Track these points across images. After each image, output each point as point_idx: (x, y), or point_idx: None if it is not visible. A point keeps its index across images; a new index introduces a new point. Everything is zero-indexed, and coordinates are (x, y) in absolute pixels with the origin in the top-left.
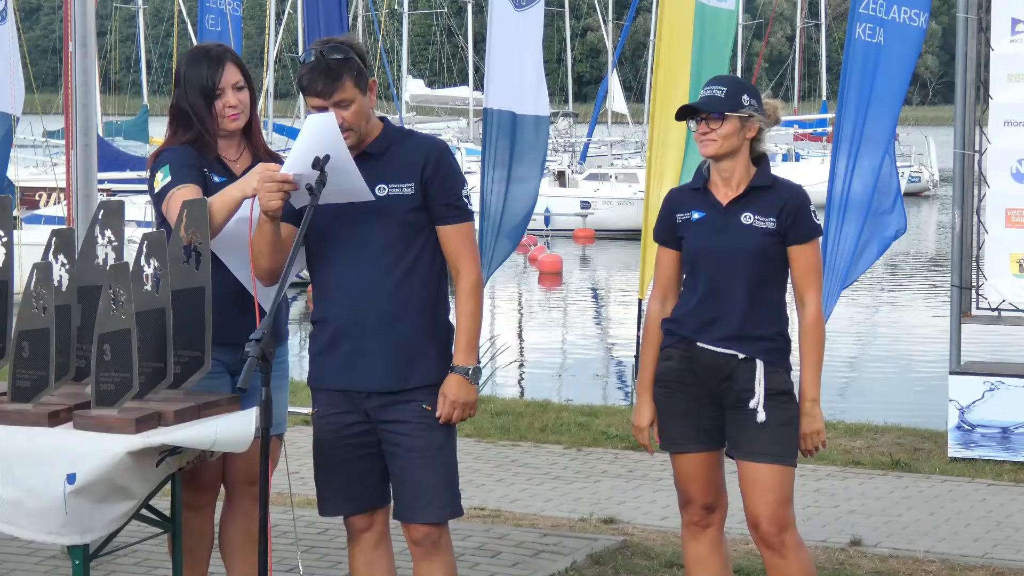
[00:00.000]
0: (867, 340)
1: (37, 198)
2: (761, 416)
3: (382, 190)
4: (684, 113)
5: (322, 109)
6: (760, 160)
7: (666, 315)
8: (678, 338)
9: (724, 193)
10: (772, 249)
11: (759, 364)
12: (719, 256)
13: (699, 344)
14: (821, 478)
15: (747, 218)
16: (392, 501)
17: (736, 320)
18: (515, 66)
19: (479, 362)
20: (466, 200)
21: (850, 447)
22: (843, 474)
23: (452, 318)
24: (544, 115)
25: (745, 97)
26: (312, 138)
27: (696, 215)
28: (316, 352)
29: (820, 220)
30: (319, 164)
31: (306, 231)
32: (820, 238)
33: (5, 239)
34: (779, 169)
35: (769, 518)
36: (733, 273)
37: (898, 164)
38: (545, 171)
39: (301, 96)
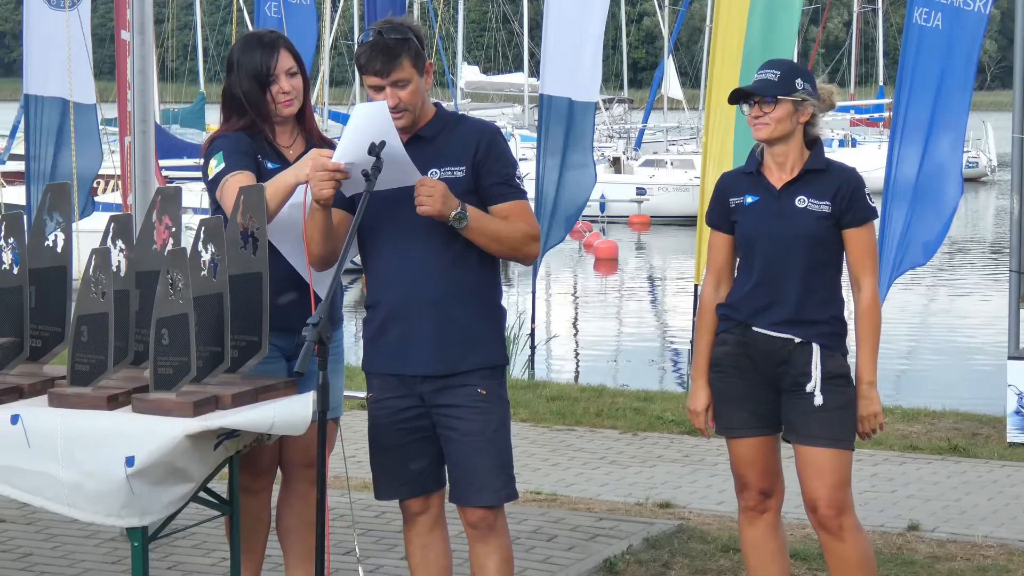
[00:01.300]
0: (925, 325)
1: (95, 185)
2: (818, 400)
3: (434, 174)
4: (737, 96)
5: (379, 88)
6: (814, 144)
7: (720, 299)
8: (733, 323)
9: (778, 177)
10: (827, 232)
11: (815, 348)
12: (774, 240)
13: (755, 328)
14: (879, 463)
15: (801, 201)
16: (447, 484)
17: (791, 304)
18: (575, 52)
19: (465, 226)
20: (519, 180)
21: (908, 432)
22: (901, 459)
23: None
24: (594, 101)
25: (799, 81)
26: (363, 126)
27: (749, 199)
28: (369, 337)
29: (875, 204)
30: (375, 150)
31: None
32: (875, 221)
33: (64, 225)
34: (835, 155)
35: (827, 501)
36: (788, 257)
37: None
38: (600, 157)
39: (357, 82)
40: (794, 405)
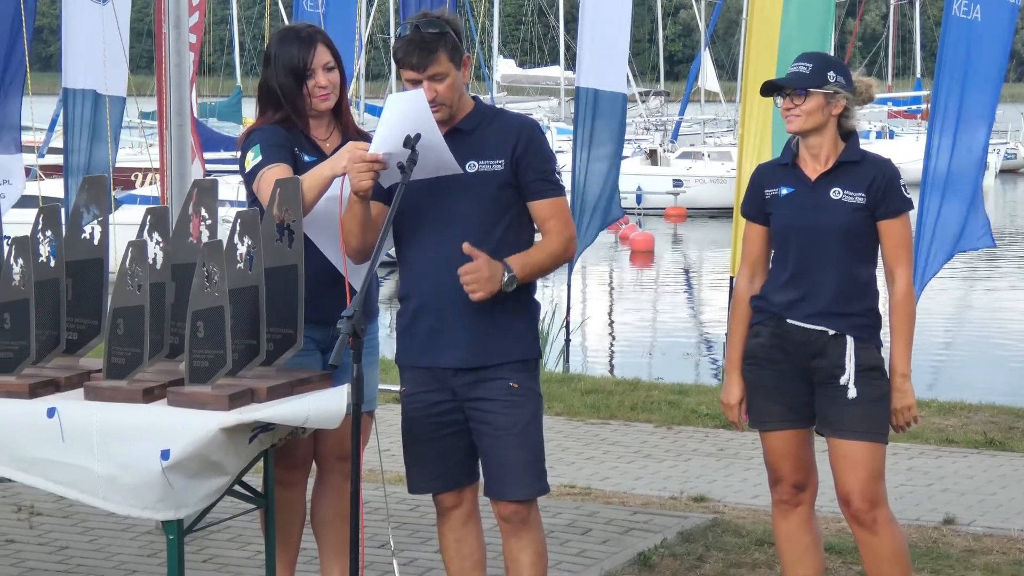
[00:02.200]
0: (962, 318)
1: (132, 178)
2: (852, 393)
3: (472, 167)
4: (769, 89)
5: (416, 83)
6: (849, 136)
7: (755, 292)
8: (768, 315)
9: (812, 168)
10: (862, 224)
11: (850, 340)
12: (808, 232)
13: (789, 321)
14: (914, 456)
15: (836, 193)
16: (481, 478)
17: (826, 296)
18: (611, 44)
19: (517, 283)
20: (557, 176)
21: (944, 426)
22: (936, 452)
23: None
24: (624, 92)
25: (831, 74)
26: (399, 116)
27: (784, 190)
28: (402, 329)
29: (911, 196)
30: (411, 143)
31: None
32: (910, 212)
33: (101, 218)
34: (873, 146)
35: (860, 495)
36: (822, 249)
37: (993, 141)
38: (637, 150)
39: (393, 76)
40: (828, 398)
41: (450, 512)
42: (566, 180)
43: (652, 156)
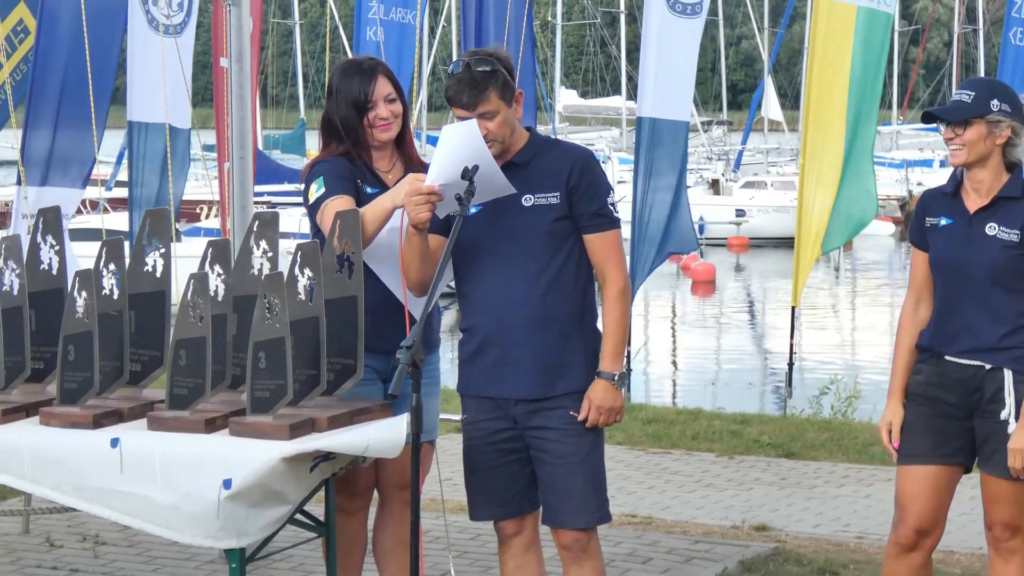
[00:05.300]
0: None
1: (198, 211)
2: (1012, 428)
3: (528, 200)
4: (929, 117)
5: (466, 120)
6: (1013, 168)
7: (920, 319)
8: (927, 353)
9: (974, 201)
10: (1012, 262)
11: (1007, 374)
12: (958, 266)
13: (947, 358)
14: None
15: (991, 229)
16: (541, 506)
17: (980, 331)
18: (673, 73)
19: (625, 368)
20: (612, 208)
21: None
22: None
23: (599, 325)
24: (687, 121)
25: (995, 102)
26: (454, 147)
27: (944, 221)
28: (464, 360)
29: None
30: (468, 175)
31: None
32: None
33: (163, 251)
34: (937, 174)
35: (1003, 526)
36: (971, 283)
37: None
38: (699, 179)
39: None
40: (985, 432)
41: (511, 540)
42: (627, 211)
43: (714, 186)
